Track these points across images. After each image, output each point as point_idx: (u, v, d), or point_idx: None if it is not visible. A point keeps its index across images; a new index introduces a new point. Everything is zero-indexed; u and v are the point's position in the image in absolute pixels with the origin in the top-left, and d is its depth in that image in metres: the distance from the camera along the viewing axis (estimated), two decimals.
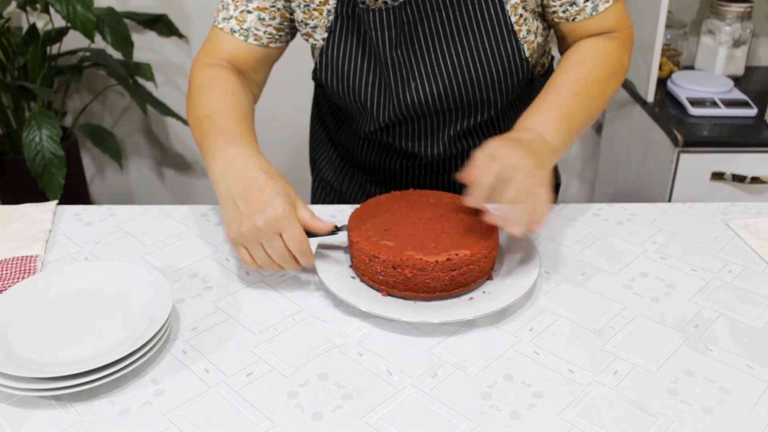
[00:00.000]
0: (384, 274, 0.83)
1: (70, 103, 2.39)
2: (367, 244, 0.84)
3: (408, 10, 0.94)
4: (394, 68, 0.98)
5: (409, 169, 1.13)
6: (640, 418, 0.69)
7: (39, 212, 1.06)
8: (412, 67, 0.98)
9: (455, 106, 1.02)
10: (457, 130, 1.06)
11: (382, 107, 1.03)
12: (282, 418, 0.69)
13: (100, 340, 0.76)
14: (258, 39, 1.01)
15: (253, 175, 0.83)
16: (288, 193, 0.83)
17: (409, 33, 0.96)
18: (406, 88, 0.99)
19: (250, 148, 0.87)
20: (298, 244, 0.82)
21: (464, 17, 0.95)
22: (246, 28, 1.00)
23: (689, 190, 1.73)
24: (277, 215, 0.80)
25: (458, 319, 0.79)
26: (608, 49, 0.96)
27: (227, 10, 1.00)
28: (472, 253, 0.82)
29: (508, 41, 0.96)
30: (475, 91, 1.00)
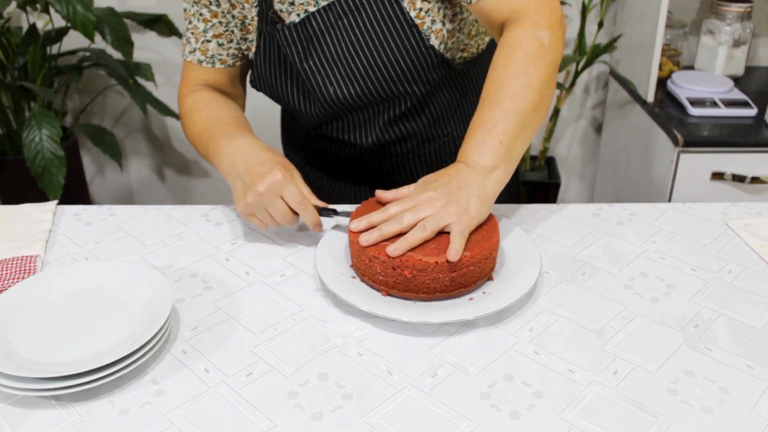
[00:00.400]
0: (384, 274, 0.83)
1: (70, 103, 2.39)
2: (355, 239, 0.85)
3: (311, 23, 1.00)
4: (309, 77, 1.04)
5: (353, 156, 1.18)
6: (640, 418, 0.69)
7: (39, 212, 1.06)
8: (327, 74, 1.03)
9: (377, 100, 1.06)
10: (385, 119, 1.10)
11: (310, 109, 1.09)
12: (282, 418, 0.69)
13: (100, 340, 0.76)
14: (223, 62, 1.11)
15: (255, 154, 0.95)
16: (287, 165, 0.95)
17: (318, 43, 1.01)
18: (325, 93, 1.04)
19: (250, 138, 0.99)
20: (297, 201, 0.92)
21: (365, 20, 0.99)
22: (210, 56, 1.09)
23: (689, 190, 1.73)
24: (275, 180, 0.91)
25: (458, 320, 0.79)
26: (515, 36, 0.91)
27: (190, 44, 1.09)
28: (472, 254, 0.82)
29: (411, 35, 0.99)
30: (390, 85, 1.03)
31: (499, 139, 0.88)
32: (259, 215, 0.94)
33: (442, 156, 1.16)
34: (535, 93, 0.90)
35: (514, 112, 0.89)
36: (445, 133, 1.14)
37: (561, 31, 0.94)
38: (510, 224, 0.96)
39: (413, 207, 0.86)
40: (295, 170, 0.95)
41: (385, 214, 0.86)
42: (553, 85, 0.93)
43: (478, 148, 0.88)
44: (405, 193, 0.91)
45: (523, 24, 0.92)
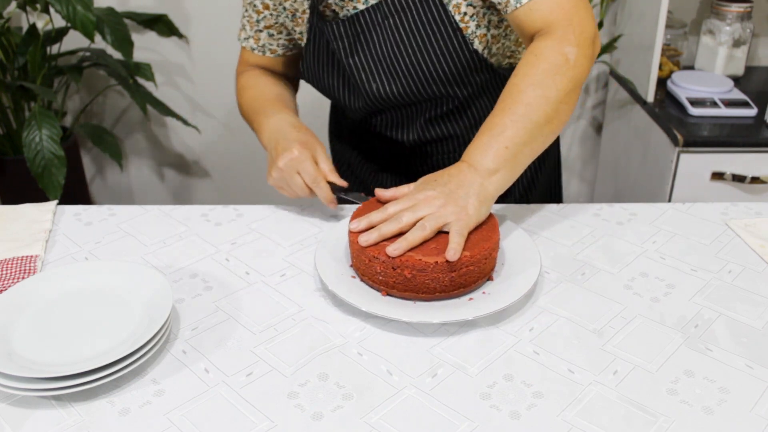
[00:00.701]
0: (384, 274, 0.83)
1: (70, 103, 2.39)
2: (353, 238, 0.85)
3: (360, 20, 1.02)
4: (354, 72, 1.06)
5: (393, 152, 1.20)
6: (640, 418, 0.69)
7: (39, 212, 1.06)
8: (371, 70, 1.05)
9: (419, 100, 1.08)
10: (427, 118, 1.12)
11: (354, 103, 1.12)
12: (282, 418, 0.69)
13: (100, 340, 0.76)
14: (273, 52, 1.18)
15: (283, 131, 1.03)
16: (309, 142, 1.01)
17: (364, 40, 1.03)
18: (369, 89, 1.07)
19: (283, 114, 1.08)
20: (311, 177, 0.98)
21: (410, 21, 1.00)
22: (261, 45, 1.17)
23: (689, 190, 1.73)
24: (293, 156, 0.98)
25: (458, 320, 0.79)
26: (541, 48, 0.91)
27: (245, 31, 1.17)
28: (471, 254, 0.82)
29: (454, 38, 1.01)
30: (432, 86, 1.05)
31: (505, 144, 0.88)
32: (286, 188, 1.01)
33: None
34: (551, 105, 0.89)
35: (526, 120, 0.88)
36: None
37: (590, 50, 0.93)
38: (511, 224, 0.96)
39: (412, 206, 0.86)
40: (318, 146, 1.01)
41: (384, 214, 0.87)
42: (572, 101, 0.92)
43: (482, 150, 0.89)
44: (404, 191, 0.91)
45: (551, 37, 0.92)
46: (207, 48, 2.29)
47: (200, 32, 2.27)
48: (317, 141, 1.03)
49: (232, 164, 2.50)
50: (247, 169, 2.50)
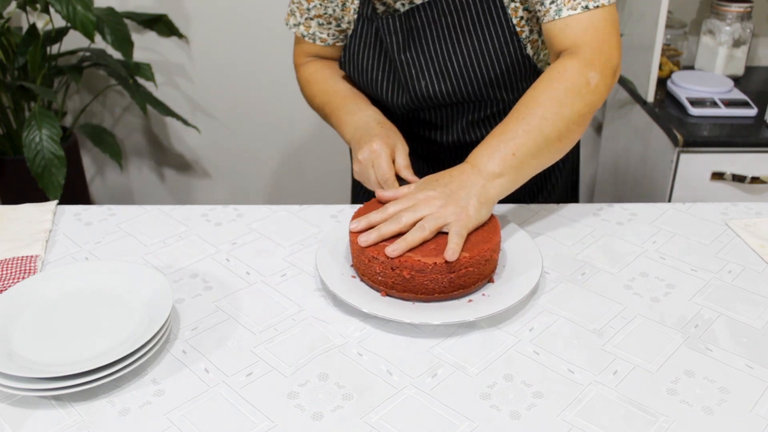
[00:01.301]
0: (383, 275, 0.83)
1: (70, 103, 2.39)
2: (354, 238, 0.85)
3: (416, 16, 1.01)
4: (404, 68, 1.05)
5: (428, 152, 1.20)
6: (640, 418, 0.69)
7: (39, 212, 1.06)
8: (422, 67, 1.04)
9: (465, 100, 1.07)
10: (469, 120, 1.12)
11: (397, 99, 1.10)
12: (282, 418, 0.69)
13: (100, 340, 0.76)
14: (323, 41, 1.16)
15: (367, 127, 1.03)
16: (389, 137, 1.00)
17: (417, 37, 1.03)
18: (417, 86, 1.06)
19: (367, 110, 1.07)
20: (381, 174, 0.98)
21: (468, 21, 1.00)
22: (312, 33, 1.15)
23: (689, 190, 1.73)
24: (371, 149, 0.98)
25: (458, 321, 0.79)
26: (566, 66, 0.91)
27: (294, 17, 1.15)
28: (471, 255, 0.82)
29: (510, 42, 1.01)
30: (482, 87, 1.05)
31: (513, 151, 0.88)
32: (366, 182, 1.01)
33: None
34: (564, 124, 0.89)
35: (538, 132, 0.88)
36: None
37: (611, 80, 0.94)
38: (513, 226, 0.96)
39: (412, 206, 0.86)
40: (399, 141, 1.01)
41: (383, 214, 0.87)
42: (584, 125, 0.93)
43: (489, 153, 0.89)
44: (404, 192, 0.91)
45: (578, 58, 0.92)
46: (207, 48, 2.29)
47: (200, 32, 2.27)
48: (398, 136, 1.02)
49: (232, 164, 2.50)
50: (247, 169, 2.50)
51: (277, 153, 2.43)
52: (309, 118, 2.33)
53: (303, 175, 2.49)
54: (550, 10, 0.94)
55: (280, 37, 2.19)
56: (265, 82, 2.31)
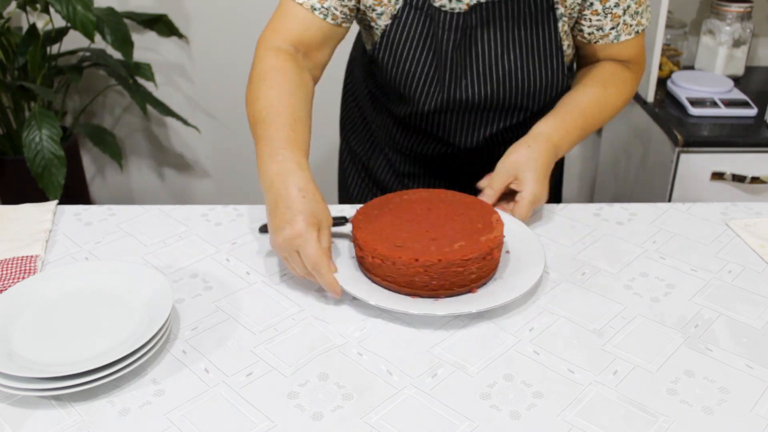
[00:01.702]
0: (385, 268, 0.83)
1: (70, 103, 2.39)
2: (368, 241, 0.85)
3: (474, 16, 1.01)
4: (450, 65, 1.05)
5: (440, 155, 1.20)
6: (640, 418, 0.69)
7: (39, 212, 1.06)
8: (467, 67, 1.05)
9: (498, 107, 1.09)
10: (493, 129, 1.13)
11: (430, 96, 1.08)
12: (282, 418, 0.69)
13: (100, 340, 0.76)
14: (334, 18, 1.02)
15: (286, 192, 0.85)
16: (314, 214, 0.84)
17: (471, 36, 1.03)
18: (457, 85, 1.06)
19: (292, 163, 0.88)
20: (312, 263, 0.82)
21: (521, 30, 1.02)
22: (326, 6, 1.01)
23: (689, 190, 1.72)
24: (293, 234, 0.82)
25: (459, 312, 0.79)
26: (627, 77, 1.08)
27: None
28: (463, 254, 0.82)
29: (555, 56, 1.04)
30: (518, 96, 1.07)
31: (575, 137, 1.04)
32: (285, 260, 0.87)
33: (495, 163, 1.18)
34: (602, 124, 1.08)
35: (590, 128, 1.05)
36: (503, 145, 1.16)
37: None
38: (516, 224, 0.96)
39: None
40: (325, 219, 0.86)
41: None
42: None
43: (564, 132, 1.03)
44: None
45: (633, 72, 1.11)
46: (207, 48, 2.29)
47: (200, 32, 2.27)
48: (324, 210, 0.86)
49: (232, 164, 2.50)
50: (247, 169, 2.49)
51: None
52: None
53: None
54: (609, 35, 1.05)
55: None
56: None
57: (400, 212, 0.90)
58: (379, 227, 0.87)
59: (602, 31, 1.04)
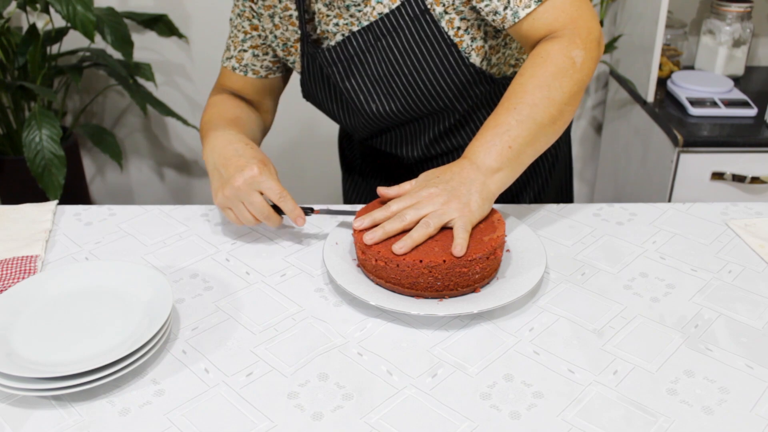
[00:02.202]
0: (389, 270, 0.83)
1: (70, 103, 2.39)
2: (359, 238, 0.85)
3: (351, 44, 1.02)
4: (351, 95, 1.06)
5: (395, 170, 1.20)
6: (640, 418, 0.69)
7: (39, 212, 1.06)
8: (369, 91, 1.05)
9: (420, 116, 1.07)
10: (430, 135, 1.12)
11: (354, 124, 1.12)
12: (282, 418, 0.69)
13: (100, 340, 0.76)
14: (256, 73, 1.14)
15: (233, 147, 0.96)
16: (264, 160, 0.94)
17: (359, 63, 1.03)
18: (368, 109, 1.06)
19: (231, 130, 1.00)
20: (276, 194, 0.92)
21: (403, 41, 1.00)
22: (244, 64, 1.13)
23: (689, 190, 1.73)
24: (253, 174, 0.91)
25: (459, 313, 0.79)
26: (548, 50, 0.91)
27: (229, 51, 1.13)
28: (467, 255, 0.82)
29: (449, 54, 1.00)
30: (431, 102, 1.04)
31: (509, 144, 0.88)
32: (236, 209, 0.93)
33: None
34: (555, 107, 0.89)
35: (530, 121, 0.88)
36: None
37: (596, 52, 0.93)
38: (517, 223, 0.96)
39: (415, 204, 0.86)
40: (272, 165, 0.95)
41: (387, 212, 0.87)
42: (576, 103, 0.92)
43: (486, 149, 0.88)
44: (407, 189, 0.91)
45: (559, 41, 0.91)
46: (207, 48, 2.29)
47: (200, 32, 2.27)
48: (269, 159, 0.97)
49: None
50: None
51: (277, 153, 2.43)
52: (308, 119, 2.33)
53: (302, 175, 2.49)
54: (506, 16, 0.93)
55: None
56: None
57: None
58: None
59: (498, 14, 0.94)
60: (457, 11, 0.97)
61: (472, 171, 0.88)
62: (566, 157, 1.28)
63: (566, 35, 0.92)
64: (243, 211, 0.93)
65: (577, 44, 0.91)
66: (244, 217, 0.94)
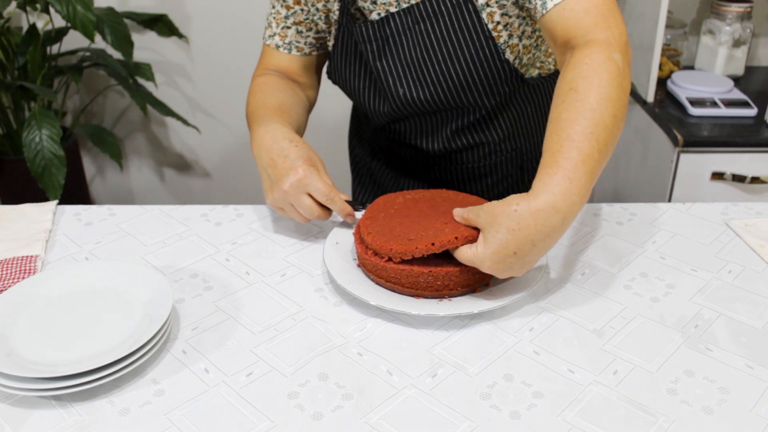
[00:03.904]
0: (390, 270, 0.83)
1: (70, 103, 2.39)
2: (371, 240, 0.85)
3: (390, 23, 1.00)
4: (381, 76, 1.04)
5: (417, 159, 1.19)
6: (640, 418, 0.69)
7: (39, 212, 1.06)
8: (399, 74, 1.03)
9: (446, 107, 1.06)
10: (453, 128, 1.10)
11: (379, 107, 1.10)
12: (282, 418, 0.69)
13: (101, 340, 0.76)
14: (300, 50, 1.13)
15: (278, 145, 0.94)
16: (311, 158, 0.94)
17: (393, 44, 1.02)
18: (395, 93, 1.05)
19: (276, 124, 0.98)
20: (324, 195, 0.92)
21: (442, 27, 0.99)
22: (288, 42, 1.12)
23: (689, 190, 1.73)
24: (299, 177, 0.91)
25: (460, 313, 0.79)
26: (592, 57, 0.82)
27: (271, 28, 1.13)
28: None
29: (486, 47, 0.99)
30: (460, 94, 1.03)
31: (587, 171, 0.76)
32: (287, 210, 0.95)
33: (509, 169, 1.16)
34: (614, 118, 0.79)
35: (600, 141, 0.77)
36: (513, 147, 1.14)
37: (629, 55, 0.86)
38: None
39: None
40: (320, 162, 0.95)
41: None
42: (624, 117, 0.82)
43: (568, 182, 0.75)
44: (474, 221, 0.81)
45: (595, 44, 0.83)
46: (207, 48, 2.29)
47: (200, 32, 2.27)
48: (316, 154, 0.96)
49: (232, 164, 2.50)
50: (247, 169, 2.50)
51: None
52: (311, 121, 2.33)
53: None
54: (536, 5, 0.89)
55: None
56: None
57: (406, 211, 0.90)
58: (388, 228, 0.87)
59: (531, 2, 0.90)
60: (499, 5, 0.97)
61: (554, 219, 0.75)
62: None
63: (601, 38, 0.84)
64: (293, 213, 0.95)
65: (613, 46, 0.84)
66: (295, 217, 0.95)
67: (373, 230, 0.86)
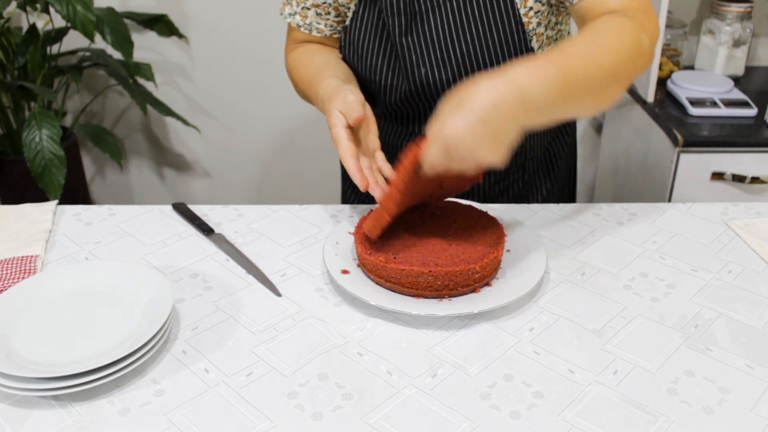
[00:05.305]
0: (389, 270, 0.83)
1: (70, 103, 2.39)
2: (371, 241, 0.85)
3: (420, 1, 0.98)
4: (404, 53, 1.02)
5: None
6: (640, 418, 0.69)
7: (39, 212, 1.06)
8: (423, 54, 1.02)
9: None
10: None
11: (395, 88, 1.08)
12: (282, 418, 0.69)
13: (101, 340, 0.76)
14: (320, 32, 1.12)
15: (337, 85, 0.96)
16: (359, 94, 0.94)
17: (421, 21, 1.00)
18: (417, 73, 1.03)
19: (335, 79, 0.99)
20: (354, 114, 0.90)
21: (473, 7, 0.97)
22: (308, 23, 1.11)
23: (689, 190, 1.73)
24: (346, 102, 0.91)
25: (460, 313, 0.79)
26: (622, 22, 0.83)
27: (291, 6, 1.11)
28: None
29: (516, 33, 0.98)
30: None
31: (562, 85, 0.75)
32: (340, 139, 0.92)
33: (509, 168, 1.15)
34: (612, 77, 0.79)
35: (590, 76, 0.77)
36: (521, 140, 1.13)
37: (653, 51, 0.86)
38: (519, 224, 0.96)
39: None
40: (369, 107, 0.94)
41: None
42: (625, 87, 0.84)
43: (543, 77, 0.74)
44: None
45: (630, 18, 0.84)
46: (207, 48, 2.29)
47: (200, 32, 2.27)
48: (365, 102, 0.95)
49: (232, 164, 2.50)
50: (247, 169, 2.50)
51: (277, 153, 2.43)
52: (309, 118, 2.33)
53: (303, 175, 2.49)
54: None
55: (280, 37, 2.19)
56: (265, 82, 2.31)
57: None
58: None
59: None
60: None
61: (507, 105, 0.73)
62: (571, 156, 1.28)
63: (638, 18, 0.85)
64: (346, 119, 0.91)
65: (645, 29, 0.84)
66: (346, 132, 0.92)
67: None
